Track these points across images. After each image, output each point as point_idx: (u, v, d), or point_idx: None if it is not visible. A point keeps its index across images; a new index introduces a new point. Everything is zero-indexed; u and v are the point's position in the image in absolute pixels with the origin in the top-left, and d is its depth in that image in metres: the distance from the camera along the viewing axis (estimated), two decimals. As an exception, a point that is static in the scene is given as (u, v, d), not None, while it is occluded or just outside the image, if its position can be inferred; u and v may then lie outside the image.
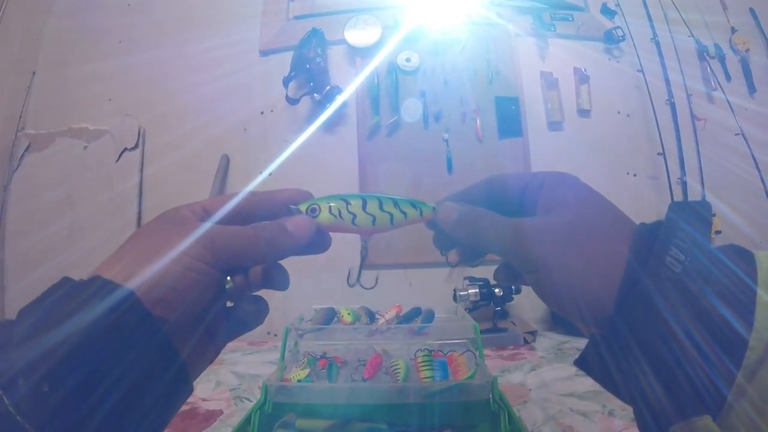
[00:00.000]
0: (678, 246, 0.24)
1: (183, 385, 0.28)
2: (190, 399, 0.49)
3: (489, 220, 0.31)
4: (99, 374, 0.22)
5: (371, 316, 0.81)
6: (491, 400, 0.62)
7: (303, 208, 0.32)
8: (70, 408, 0.21)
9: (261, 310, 0.33)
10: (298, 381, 0.68)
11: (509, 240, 0.29)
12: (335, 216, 0.32)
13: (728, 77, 1.73)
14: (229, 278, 0.30)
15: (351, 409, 0.66)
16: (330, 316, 0.81)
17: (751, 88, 1.73)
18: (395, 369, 0.68)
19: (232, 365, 1.10)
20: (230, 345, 0.34)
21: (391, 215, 0.33)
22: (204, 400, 0.87)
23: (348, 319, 0.79)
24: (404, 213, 0.34)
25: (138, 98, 1.75)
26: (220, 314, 0.32)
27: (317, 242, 0.33)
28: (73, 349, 0.21)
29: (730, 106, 1.63)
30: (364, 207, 0.33)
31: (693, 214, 0.26)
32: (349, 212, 0.33)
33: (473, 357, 0.73)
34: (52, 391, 0.20)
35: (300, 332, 0.75)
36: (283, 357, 0.76)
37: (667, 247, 0.24)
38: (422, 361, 0.70)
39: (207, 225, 0.28)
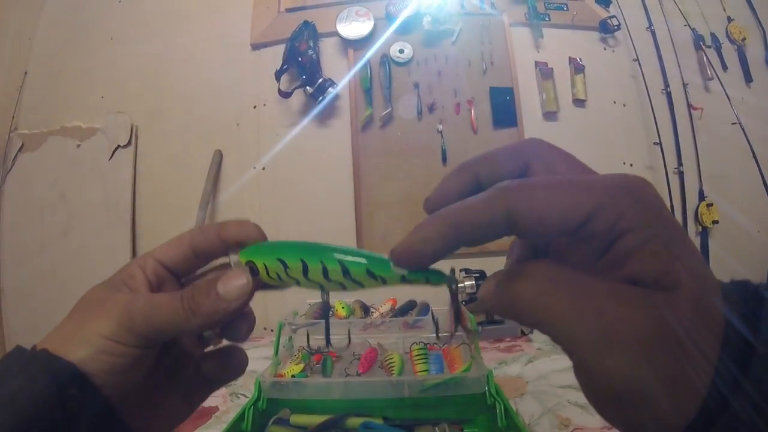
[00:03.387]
0: None
1: None
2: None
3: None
4: None
5: (366, 310, 0.81)
6: (487, 393, 0.62)
7: (243, 259, 0.26)
8: None
9: (229, 365, 0.30)
10: (293, 376, 0.67)
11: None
12: (274, 279, 0.26)
13: (725, 67, 1.72)
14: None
15: (346, 404, 0.66)
16: (324, 310, 0.80)
17: (748, 78, 1.73)
18: (390, 363, 0.68)
19: (228, 362, 1.09)
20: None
21: (342, 285, 0.26)
22: (199, 397, 0.86)
23: (342, 313, 0.79)
24: (359, 284, 0.26)
25: (130, 95, 1.73)
26: (191, 373, 0.30)
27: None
28: (15, 423, 0.21)
29: (727, 96, 1.62)
30: (305, 273, 0.25)
31: None
32: (289, 276, 0.26)
33: (469, 350, 0.73)
34: None
35: (294, 327, 0.74)
36: (276, 352, 0.75)
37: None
38: (417, 355, 0.69)
39: (124, 298, 0.26)
